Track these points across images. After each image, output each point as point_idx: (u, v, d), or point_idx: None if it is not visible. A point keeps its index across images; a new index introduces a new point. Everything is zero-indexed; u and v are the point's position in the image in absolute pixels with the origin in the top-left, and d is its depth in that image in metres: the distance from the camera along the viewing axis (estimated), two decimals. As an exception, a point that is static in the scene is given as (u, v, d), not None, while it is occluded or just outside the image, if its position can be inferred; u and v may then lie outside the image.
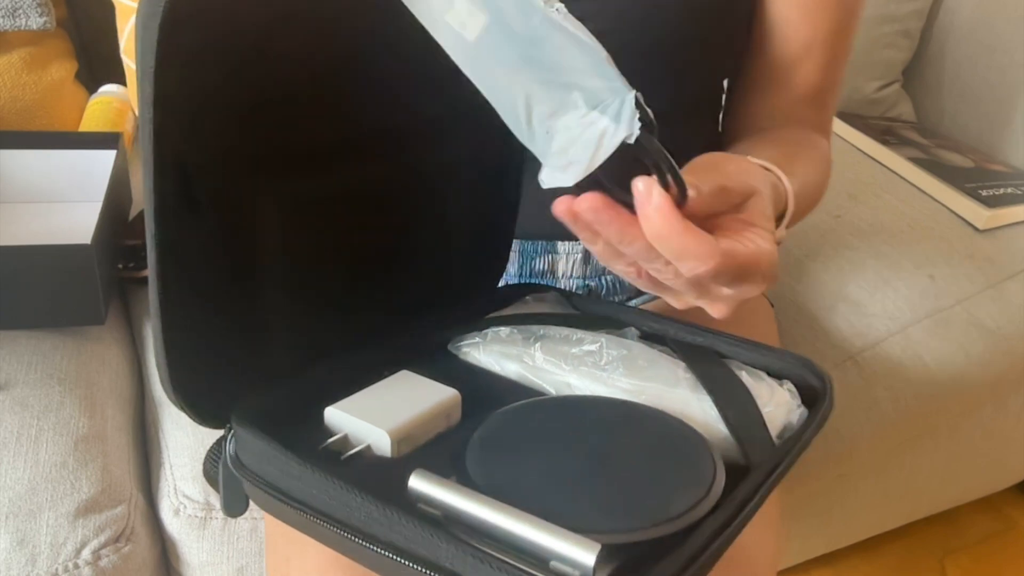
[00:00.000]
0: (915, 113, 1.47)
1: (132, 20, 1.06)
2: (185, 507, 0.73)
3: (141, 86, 0.37)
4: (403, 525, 0.37)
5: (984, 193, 1.15)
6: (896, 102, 1.44)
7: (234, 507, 0.47)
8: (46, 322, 0.81)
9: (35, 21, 1.00)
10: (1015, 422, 1.19)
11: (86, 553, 0.68)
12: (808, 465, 0.94)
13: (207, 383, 0.45)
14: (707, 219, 0.43)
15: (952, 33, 1.41)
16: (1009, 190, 1.18)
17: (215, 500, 0.74)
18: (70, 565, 0.67)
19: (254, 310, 0.47)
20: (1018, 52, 1.31)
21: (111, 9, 1.08)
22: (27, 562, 0.66)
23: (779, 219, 0.54)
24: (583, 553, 0.35)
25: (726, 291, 0.43)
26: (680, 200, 0.39)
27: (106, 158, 0.91)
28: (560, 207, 0.39)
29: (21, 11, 0.99)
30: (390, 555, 0.38)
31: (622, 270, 0.44)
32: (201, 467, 0.75)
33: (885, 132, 1.32)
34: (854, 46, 0.72)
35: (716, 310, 0.45)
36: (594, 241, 0.41)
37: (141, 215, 0.96)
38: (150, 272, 0.41)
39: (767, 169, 0.53)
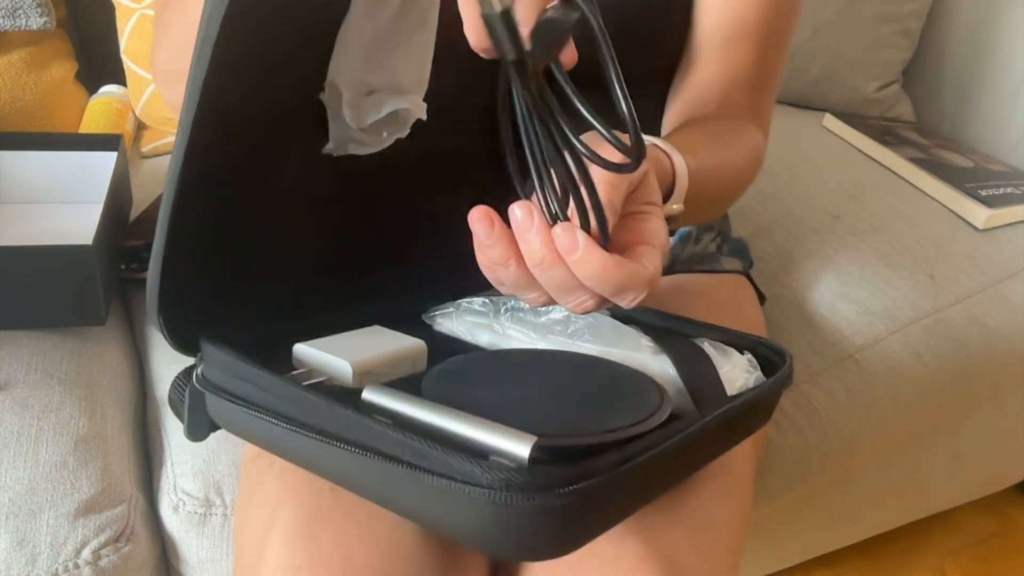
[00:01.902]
0: (915, 113, 1.47)
1: (132, 20, 1.06)
2: (184, 504, 0.74)
3: (208, 21, 0.37)
4: (348, 416, 0.39)
5: (984, 193, 1.15)
6: (896, 102, 1.44)
7: (197, 431, 0.49)
8: (46, 322, 0.81)
9: (35, 21, 1.00)
10: (1015, 422, 1.19)
11: (86, 553, 0.68)
12: (808, 465, 0.94)
13: (190, 311, 0.46)
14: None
15: (952, 33, 1.41)
16: (1009, 190, 1.18)
17: (215, 496, 0.74)
18: (70, 565, 0.67)
19: (252, 253, 0.49)
20: (1018, 52, 1.31)
21: (111, 9, 1.08)
22: (27, 562, 0.66)
23: (668, 196, 0.54)
24: (519, 446, 0.37)
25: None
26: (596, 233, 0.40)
27: (107, 160, 0.91)
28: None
29: (21, 11, 0.99)
30: (334, 444, 0.39)
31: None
32: (202, 463, 0.75)
33: (885, 132, 1.33)
34: (854, 51, 0.72)
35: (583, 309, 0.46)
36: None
37: (141, 217, 0.96)
38: (164, 196, 0.42)
39: (654, 146, 0.55)
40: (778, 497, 0.95)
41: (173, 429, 0.79)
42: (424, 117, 0.47)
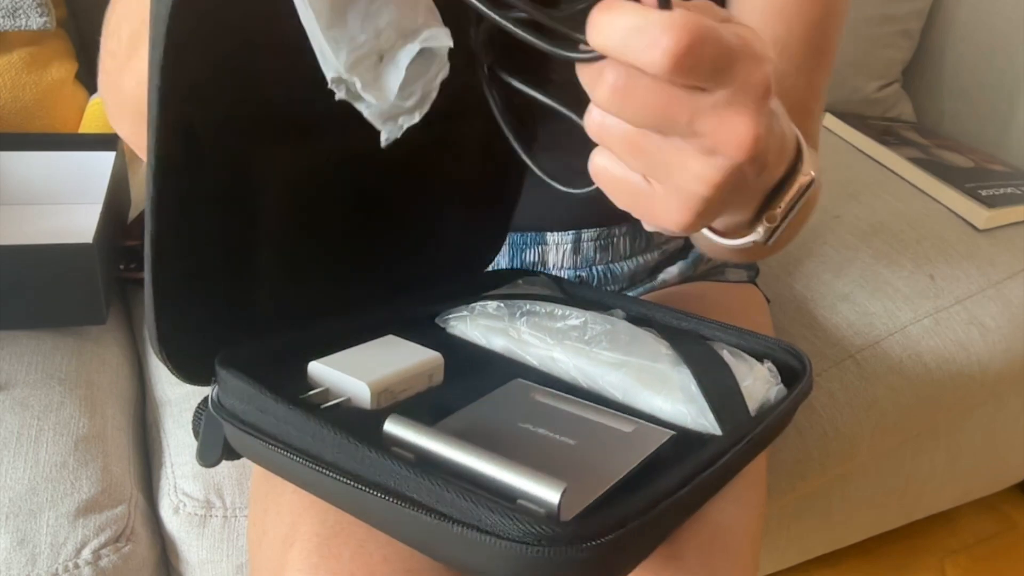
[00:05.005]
0: (915, 113, 1.47)
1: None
2: (185, 505, 0.74)
3: (152, 49, 0.37)
4: (373, 458, 0.38)
5: (984, 193, 1.15)
6: (896, 102, 1.44)
7: (208, 455, 0.48)
8: (47, 322, 0.81)
9: (35, 21, 1.00)
10: (1015, 422, 1.19)
11: (86, 553, 0.68)
12: (808, 465, 0.94)
13: (192, 339, 0.45)
14: None
15: (952, 33, 1.41)
16: (1009, 190, 1.18)
17: (215, 498, 0.74)
18: (70, 565, 0.67)
19: (245, 270, 0.48)
20: (1018, 52, 1.31)
21: (111, 9, 1.08)
22: (27, 562, 0.66)
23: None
24: (548, 491, 0.36)
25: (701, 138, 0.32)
26: None
27: (106, 159, 0.91)
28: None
29: (21, 11, 0.99)
30: (360, 487, 0.38)
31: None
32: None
33: (885, 132, 1.32)
34: (854, 51, 0.68)
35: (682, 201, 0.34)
36: None
37: (141, 216, 0.96)
38: (146, 225, 0.41)
39: None
40: (778, 497, 0.95)
41: (172, 430, 0.79)
42: (451, 43, 0.41)
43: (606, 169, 0.36)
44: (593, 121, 0.34)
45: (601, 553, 0.35)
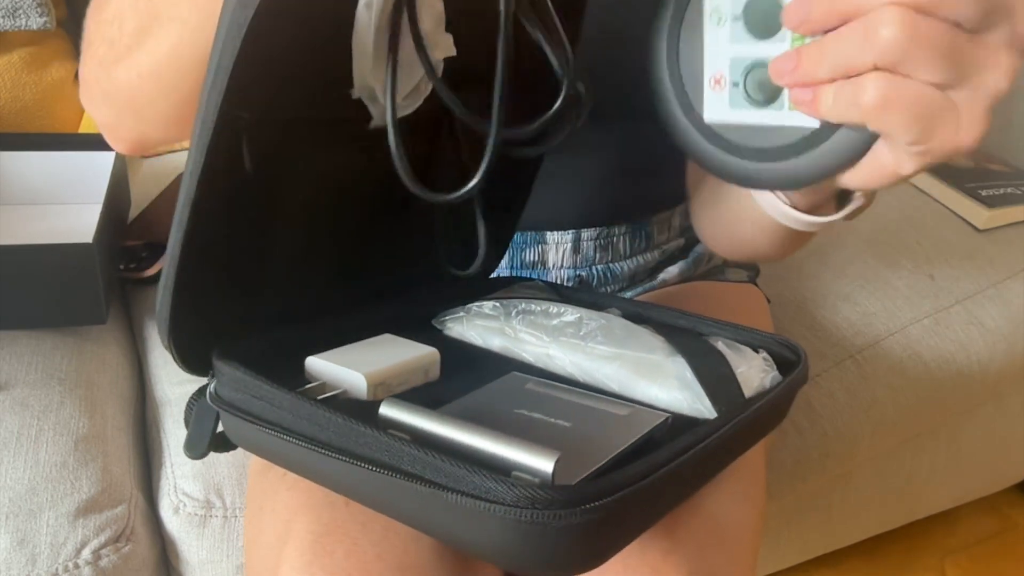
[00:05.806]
0: (915, 113, 1.47)
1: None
2: (185, 505, 0.74)
3: (222, 54, 0.37)
4: (369, 435, 0.38)
5: (984, 193, 1.16)
6: (896, 102, 1.44)
7: (196, 446, 0.48)
8: (48, 322, 0.81)
9: (35, 21, 1.00)
10: (1015, 422, 1.19)
11: (86, 553, 0.68)
12: (808, 465, 0.94)
13: (201, 335, 0.46)
14: None
15: (952, 33, 1.41)
16: (1009, 190, 1.18)
17: (215, 498, 0.74)
18: (70, 565, 0.67)
19: (256, 268, 0.49)
20: (1018, 52, 1.31)
21: (111, 9, 1.08)
22: (27, 562, 0.66)
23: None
24: (542, 461, 0.36)
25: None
26: None
27: (106, 159, 0.91)
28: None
29: (21, 11, 0.99)
30: (355, 463, 0.39)
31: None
32: (201, 465, 0.75)
33: (885, 132, 1.32)
34: None
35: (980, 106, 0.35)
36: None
37: (141, 216, 0.96)
38: (177, 225, 0.42)
39: None
40: (778, 497, 0.95)
41: (172, 430, 0.79)
42: (454, 52, 0.45)
43: (892, 93, 0.34)
44: (903, 27, 0.32)
45: (596, 519, 0.35)
